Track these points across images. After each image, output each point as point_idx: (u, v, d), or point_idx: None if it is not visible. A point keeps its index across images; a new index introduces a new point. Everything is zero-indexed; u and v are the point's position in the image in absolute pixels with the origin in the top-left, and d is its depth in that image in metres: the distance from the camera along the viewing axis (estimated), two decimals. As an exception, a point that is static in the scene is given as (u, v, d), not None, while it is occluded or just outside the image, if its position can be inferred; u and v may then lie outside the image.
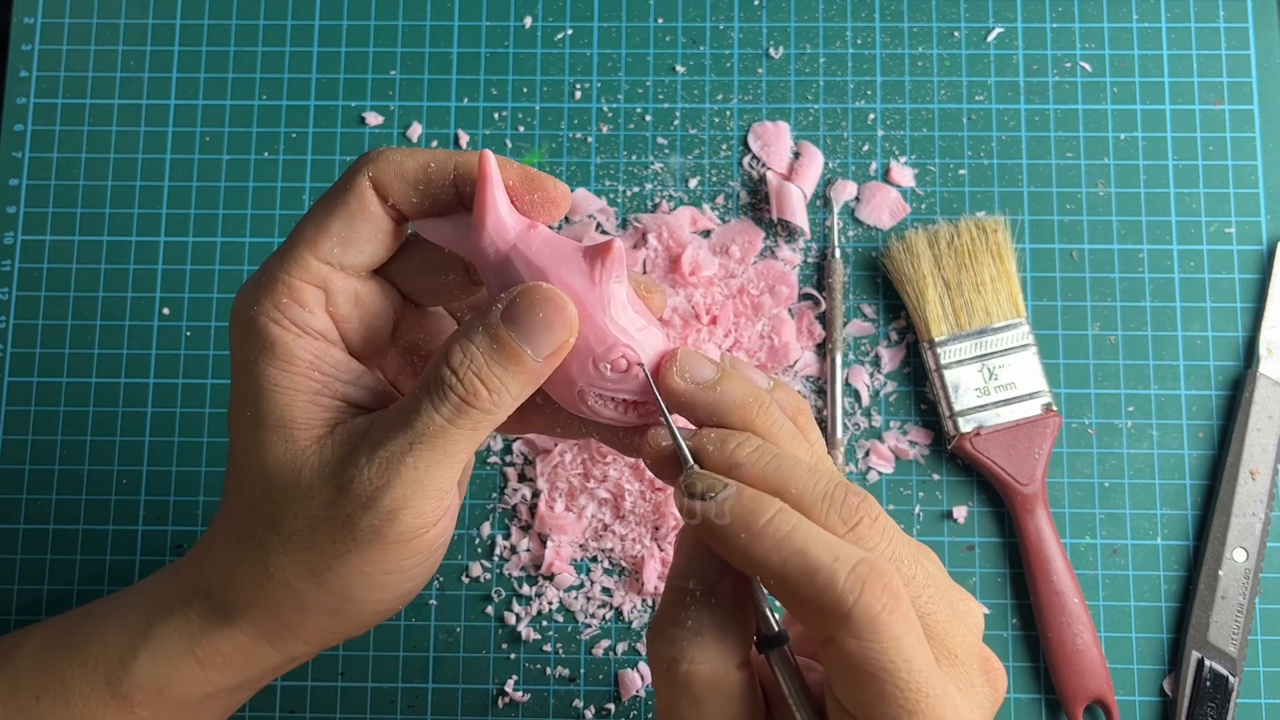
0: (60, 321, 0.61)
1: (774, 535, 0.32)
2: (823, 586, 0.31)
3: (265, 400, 0.37)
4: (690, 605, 0.34)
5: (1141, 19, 0.63)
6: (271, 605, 0.39)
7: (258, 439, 0.37)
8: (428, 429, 0.36)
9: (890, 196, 0.61)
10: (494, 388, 0.36)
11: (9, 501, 0.59)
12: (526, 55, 0.64)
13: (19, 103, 0.63)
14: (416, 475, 0.36)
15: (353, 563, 0.37)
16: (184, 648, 0.41)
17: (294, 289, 0.37)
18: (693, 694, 0.33)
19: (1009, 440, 0.57)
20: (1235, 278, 0.60)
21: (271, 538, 0.38)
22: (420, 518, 0.37)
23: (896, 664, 0.31)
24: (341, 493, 0.36)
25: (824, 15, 0.64)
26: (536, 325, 0.35)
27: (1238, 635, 0.55)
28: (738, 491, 0.33)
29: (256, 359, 0.37)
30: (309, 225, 0.37)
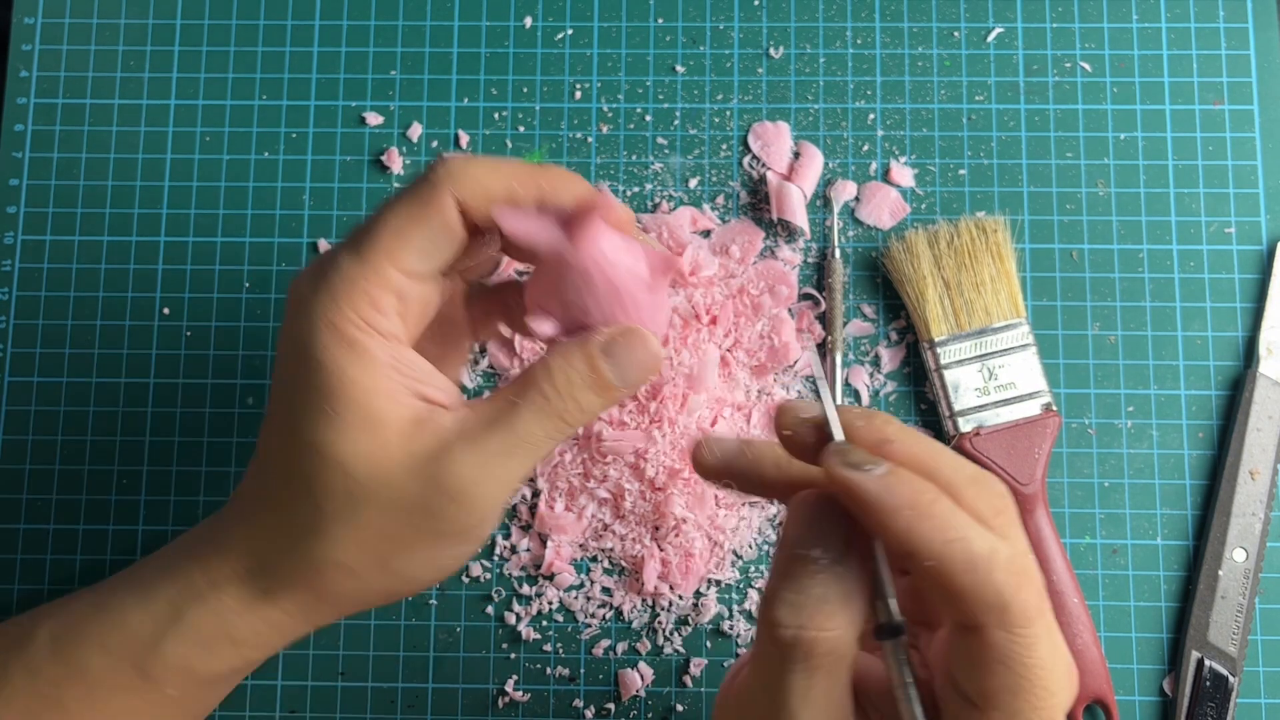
0: (60, 321, 0.61)
1: (938, 516, 0.33)
2: (984, 576, 0.32)
3: (350, 399, 0.38)
4: (815, 574, 0.34)
5: (1141, 19, 0.63)
6: (321, 588, 0.40)
7: (339, 435, 0.38)
8: (528, 437, 0.39)
9: (890, 196, 0.61)
10: (585, 409, 0.40)
11: (9, 501, 0.59)
12: (526, 55, 0.64)
13: (19, 103, 0.63)
14: (510, 475, 0.39)
15: (426, 551, 0.40)
16: (217, 630, 0.41)
17: (375, 299, 0.38)
18: (811, 663, 0.33)
19: (1009, 440, 0.57)
20: (1235, 278, 0.60)
21: (342, 529, 0.39)
22: (495, 509, 0.40)
23: (1037, 659, 0.32)
24: (432, 485, 0.38)
25: (824, 15, 0.64)
26: (633, 366, 0.40)
27: (1238, 635, 0.55)
28: (895, 469, 0.33)
29: (338, 358, 0.38)
30: (387, 234, 0.38)
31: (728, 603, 0.57)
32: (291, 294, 0.40)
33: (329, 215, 0.62)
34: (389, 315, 0.39)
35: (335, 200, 0.62)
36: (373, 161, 0.63)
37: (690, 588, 0.57)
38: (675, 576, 0.57)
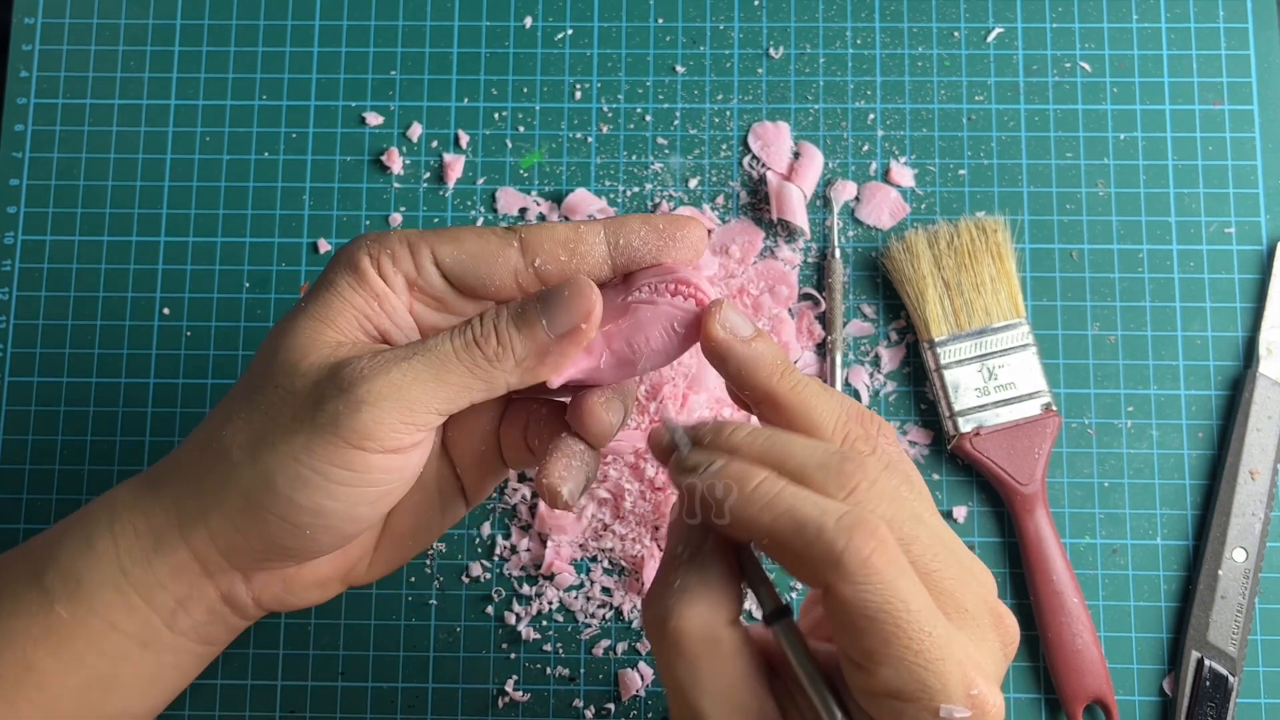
0: (60, 321, 0.61)
1: (762, 497, 0.34)
2: (812, 537, 0.33)
3: (324, 297, 0.40)
4: (677, 568, 0.36)
5: (1141, 19, 0.63)
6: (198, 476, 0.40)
7: (294, 322, 0.40)
8: (433, 349, 0.38)
9: (890, 196, 0.61)
10: (503, 341, 0.39)
11: (9, 501, 0.59)
12: (526, 55, 0.64)
13: (19, 103, 0.63)
14: (402, 379, 0.38)
15: (294, 444, 0.38)
16: (104, 524, 0.41)
17: (398, 253, 0.40)
18: (686, 653, 0.34)
19: (1009, 440, 0.57)
20: (1235, 278, 0.60)
21: (242, 404, 0.40)
22: (380, 423, 0.38)
23: (894, 604, 0.33)
24: (330, 375, 0.38)
25: (824, 15, 0.64)
26: (559, 302, 0.39)
27: (1237, 635, 0.55)
28: (725, 463, 0.35)
29: (337, 271, 0.40)
30: (449, 231, 0.41)
31: (728, 603, 0.57)
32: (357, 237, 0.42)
33: (329, 215, 0.62)
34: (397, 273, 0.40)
35: (335, 200, 0.62)
36: (373, 161, 0.63)
37: (690, 588, 0.57)
38: (675, 576, 0.57)
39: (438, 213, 0.62)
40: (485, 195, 0.62)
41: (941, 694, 0.33)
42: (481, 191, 0.62)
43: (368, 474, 0.39)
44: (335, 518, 0.40)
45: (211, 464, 0.40)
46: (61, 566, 0.41)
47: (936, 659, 0.33)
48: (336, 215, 0.62)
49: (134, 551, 0.41)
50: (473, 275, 0.40)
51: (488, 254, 0.40)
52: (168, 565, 0.41)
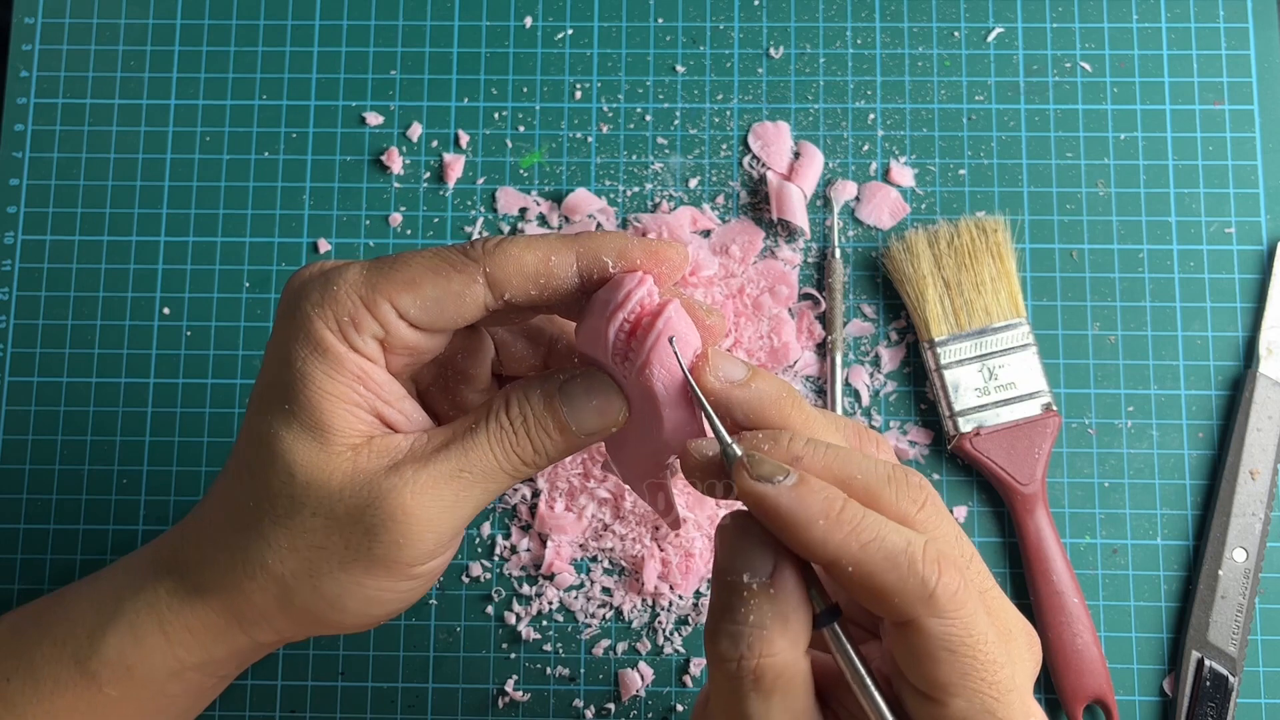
0: (60, 321, 0.61)
1: (851, 521, 0.33)
2: (905, 570, 0.32)
3: (306, 399, 0.37)
4: (749, 599, 0.34)
5: (1141, 19, 0.63)
6: (254, 594, 0.39)
7: (291, 434, 0.38)
8: (479, 463, 0.38)
9: (890, 196, 0.61)
10: (538, 447, 0.39)
11: (9, 501, 0.59)
12: (526, 55, 0.64)
13: (19, 103, 0.63)
14: (455, 500, 0.37)
15: (356, 572, 0.38)
16: (153, 623, 0.41)
17: (358, 316, 0.37)
18: (763, 689, 0.33)
19: (1009, 440, 0.57)
20: (1235, 278, 0.60)
21: (279, 531, 0.38)
22: (438, 542, 0.38)
23: (975, 639, 0.32)
24: (373, 502, 0.37)
25: (824, 15, 0.64)
26: (588, 410, 0.38)
27: (1238, 635, 0.55)
28: (804, 478, 0.33)
29: (306, 358, 0.37)
30: (401, 276, 0.37)
31: (728, 603, 0.57)
32: (289, 286, 0.39)
33: (329, 215, 0.62)
34: (366, 339, 0.37)
35: (335, 200, 0.62)
36: (373, 161, 0.63)
37: (690, 588, 0.57)
38: (675, 576, 0.57)
39: (438, 212, 0.62)
40: (485, 195, 0.62)
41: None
42: (481, 191, 0.62)
43: (426, 576, 0.40)
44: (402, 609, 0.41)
45: (264, 586, 0.39)
46: (108, 658, 0.41)
47: (1007, 690, 0.33)
48: (336, 215, 0.62)
49: (190, 646, 0.41)
50: (439, 319, 0.38)
51: (451, 296, 0.37)
52: (225, 650, 0.42)
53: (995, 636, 0.33)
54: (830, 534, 0.33)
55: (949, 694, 0.33)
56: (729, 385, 0.37)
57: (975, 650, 0.33)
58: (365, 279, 0.37)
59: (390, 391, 0.39)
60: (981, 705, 0.33)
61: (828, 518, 0.33)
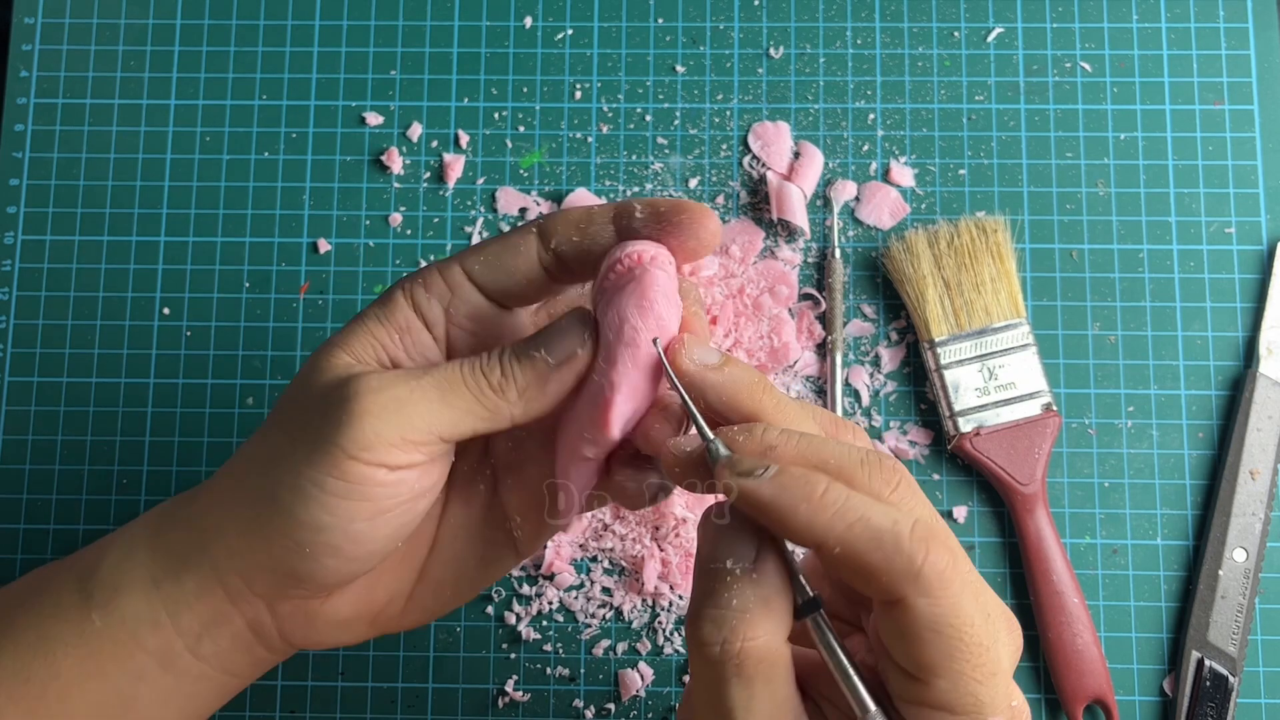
0: (60, 321, 0.61)
1: (834, 503, 0.33)
2: (891, 549, 0.32)
3: (348, 328, 0.41)
4: (731, 585, 0.34)
5: (1141, 19, 0.63)
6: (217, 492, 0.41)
7: (319, 350, 0.41)
8: (440, 371, 0.39)
9: (890, 196, 0.61)
10: (506, 372, 0.39)
11: (9, 501, 0.59)
12: (526, 55, 0.64)
13: (19, 103, 0.63)
14: (407, 397, 0.38)
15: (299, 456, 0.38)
16: (144, 538, 0.42)
17: (430, 280, 0.41)
18: (745, 674, 0.33)
19: (1009, 440, 0.57)
20: (1235, 278, 0.60)
21: (267, 426, 0.41)
22: (379, 435, 0.37)
23: (961, 619, 0.32)
24: (335, 387, 0.38)
25: (824, 15, 0.64)
26: (554, 331, 0.39)
27: (1238, 635, 0.55)
28: (784, 468, 0.34)
29: (372, 308, 0.41)
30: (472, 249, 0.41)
31: (728, 603, 0.57)
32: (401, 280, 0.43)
33: (329, 215, 0.62)
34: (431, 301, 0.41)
35: (335, 200, 0.62)
36: (373, 161, 0.63)
37: (690, 588, 0.57)
38: (675, 576, 0.57)
39: (438, 212, 0.62)
40: (485, 195, 0.62)
41: (990, 708, 0.33)
42: (481, 191, 0.62)
43: (362, 486, 0.38)
44: (332, 534, 0.39)
45: (228, 481, 0.41)
46: (103, 573, 0.42)
47: (991, 674, 0.33)
48: (336, 215, 0.62)
49: (165, 563, 0.41)
50: (501, 274, 0.40)
51: (509, 249, 0.40)
52: (193, 580, 0.41)
53: (981, 619, 0.33)
54: (815, 517, 0.33)
55: (933, 674, 0.33)
56: (704, 369, 0.37)
57: (961, 631, 0.32)
58: (449, 259, 0.41)
59: (424, 352, 0.41)
60: (965, 687, 0.33)
61: (810, 502, 0.33)
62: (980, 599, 0.34)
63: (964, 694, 0.33)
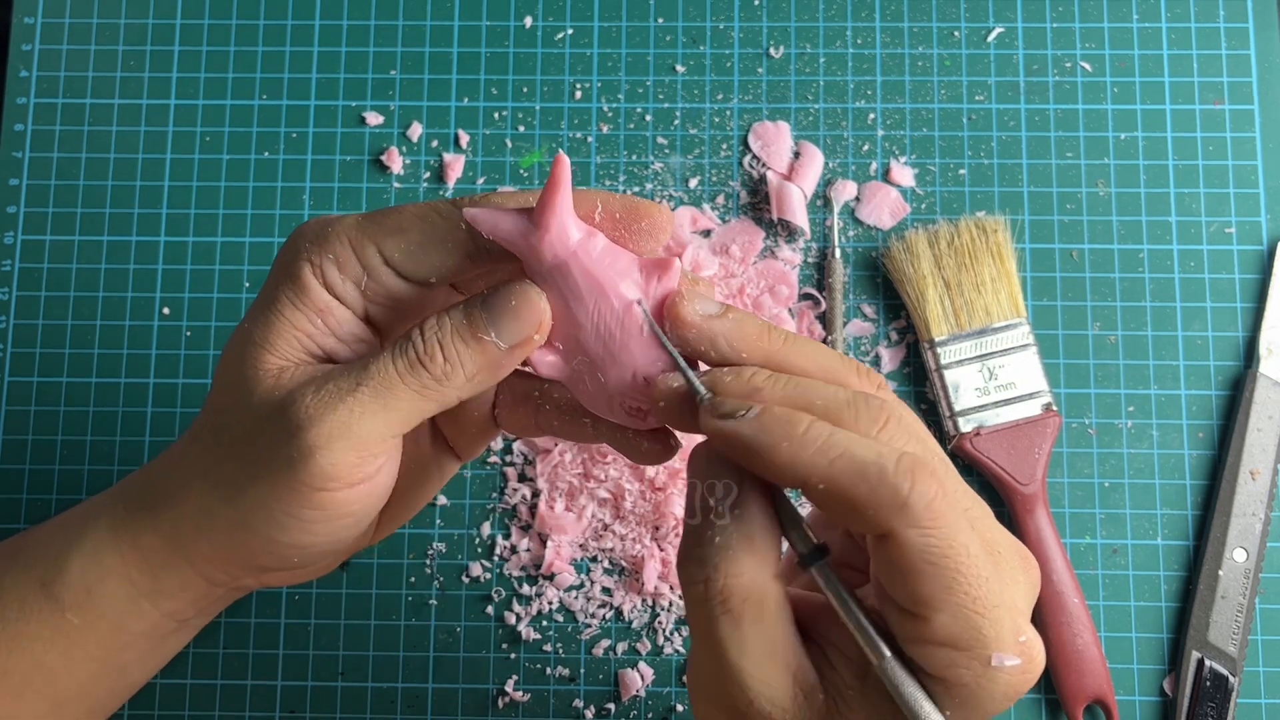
0: (60, 321, 0.61)
1: (816, 440, 0.33)
2: (875, 481, 0.32)
3: (265, 319, 0.38)
4: (714, 523, 0.34)
5: (1141, 19, 0.63)
6: (184, 506, 0.40)
7: (240, 349, 0.38)
8: (376, 375, 0.37)
9: (890, 196, 0.61)
10: (450, 358, 0.37)
11: (9, 501, 0.59)
12: (526, 55, 0.64)
13: (19, 103, 0.63)
14: (349, 417, 0.36)
15: (261, 488, 0.37)
16: (110, 543, 0.41)
17: (343, 258, 0.38)
18: (732, 610, 0.33)
19: (1009, 440, 0.57)
20: (1235, 278, 0.60)
21: (211, 440, 0.39)
22: (335, 465, 0.37)
23: (955, 549, 0.32)
24: (279, 414, 0.37)
25: (824, 15, 0.64)
26: (506, 313, 0.37)
27: (1238, 635, 0.55)
28: (766, 408, 0.34)
29: (280, 286, 0.38)
30: (392, 220, 0.38)
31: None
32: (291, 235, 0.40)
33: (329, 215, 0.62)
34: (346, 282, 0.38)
35: (335, 200, 0.62)
36: (373, 161, 0.63)
37: (690, 588, 0.57)
38: (675, 576, 0.57)
39: (438, 213, 0.62)
40: (485, 195, 0.62)
41: (995, 642, 0.32)
42: (481, 191, 0.62)
43: (337, 509, 0.38)
44: (319, 547, 0.40)
45: (192, 499, 0.40)
46: (70, 579, 0.41)
47: (992, 605, 0.32)
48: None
49: (141, 568, 0.41)
50: (424, 265, 0.38)
51: (435, 242, 0.38)
52: (174, 580, 0.42)
53: (979, 550, 0.33)
54: (797, 454, 0.33)
55: (932, 609, 0.32)
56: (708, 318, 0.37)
57: (958, 562, 0.32)
58: (358, 225, 0.38)
59: (350, 331, 0.39)
60: (966, 620, 0.32)
61: (791, 439, 0.33)
62: (983, 532, 0.34)
63: (966, 627, 0.32)
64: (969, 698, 0.33)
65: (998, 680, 0.33)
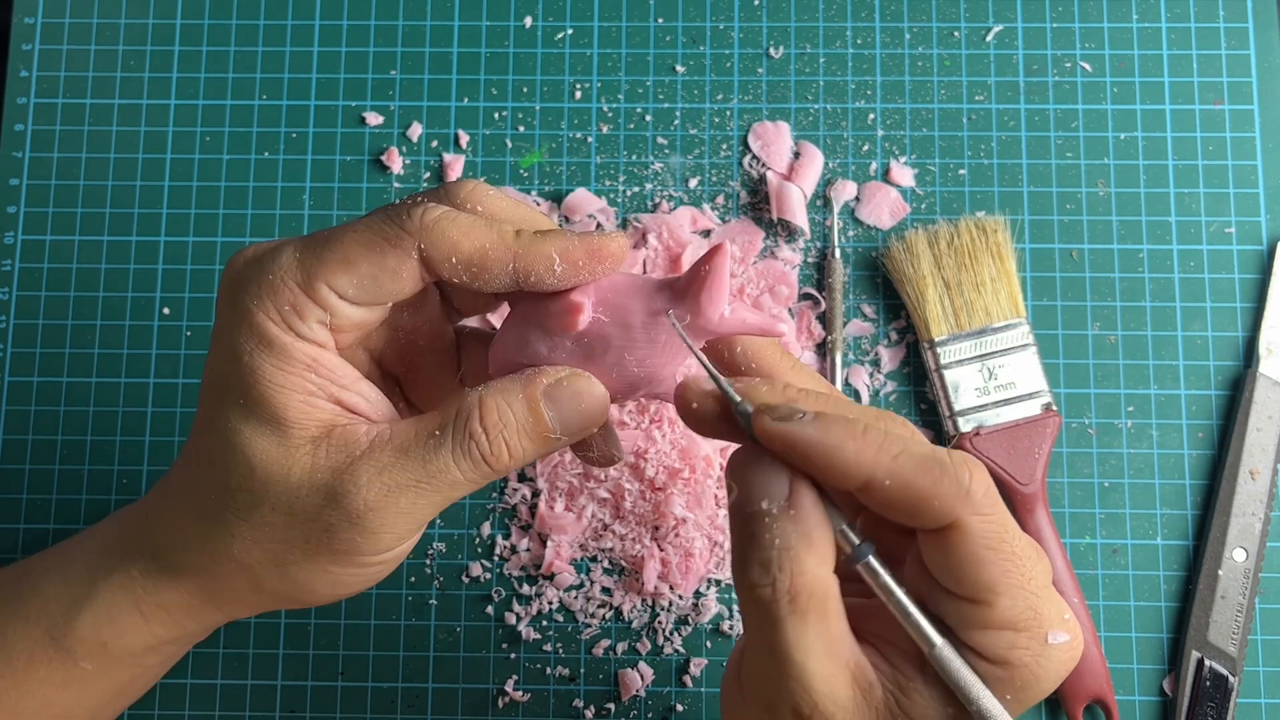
0: (60, 321, 0.61)
1: (878, 439, 0.34)
2: (939, 473, 0.33)
3: (260, 394, 0.37)
4: (771, 525, 0.34)
5: (1141, 19, 0.63)
6: (225, 578, 0.40)
7: (247, 426, 0.37)
8: (440, 474, 0.37)
9: (890, 196, 0.61)
10: (515, 454, 0.37)
11: (9, 501, 0.59)
12: (526, 55, 0.64)
13: (19, 103, 0.63)
14: (413, 510, 0.37)
15: (320, 562, 0.38)
16: (128, 603, 0.41)
17: (299, 304, 0.36)
18: (799, 608, 0.34)
19: (1009, 440, 0.57)
20: (1235, 278, 0.60)
21: (241, 524, 0.38)
22: (397, 540, 0.38)
23: (1010, 533, 0.34)
24: (331, 501, 0.37)
25: (824, 15, 0.64)
26: (575, 414, 0.37)
27: (1238, 635, 0.55)
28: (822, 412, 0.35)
29: (253, 352, 0.37)
30: (336, 254, 0.36)
31: (728, 602, 0.57)
32: (226, 272, 0.38)
33: (329, 215, 0.62)
34: (310, 324, 0.37)
35: (335, 200, 0.62)
36: (373, 161, 0.63)
37: (690, 588, 0.57)
38: (675, 576, 0.57)
39: (438, 213, 0.62)
40: (485, 195, 0.62)
41: (1049, 620, 0.34)
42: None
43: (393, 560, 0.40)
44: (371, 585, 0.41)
45: (234, 573, 0.39)
46: (83, 636, 0.42)
47: (1043, 585, 0.34)
48: (336, 215, 0.62)
49: (167, 623, 0.42)
50: (378, 295, 0.37)
51: (387, 273, 0.36)
52: (200, 625, 0.43)
53: (1022, 533, 0.34)
54: (861, 453, 0.33)
55: (994, 593, 0.33)
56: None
57: (1013, 546, 0.34)
58: (300, 263, 0.36)
59: (344, 375, 0.38)
60: (1025, 602, 0.34)
61: (855, 439, 0.34)
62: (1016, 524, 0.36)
63: (1025, 609, 0.34)
64: (1029, 679, 0.34)
65: (1054, 658, 0.34)
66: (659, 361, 0.38)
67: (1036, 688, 0.34)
